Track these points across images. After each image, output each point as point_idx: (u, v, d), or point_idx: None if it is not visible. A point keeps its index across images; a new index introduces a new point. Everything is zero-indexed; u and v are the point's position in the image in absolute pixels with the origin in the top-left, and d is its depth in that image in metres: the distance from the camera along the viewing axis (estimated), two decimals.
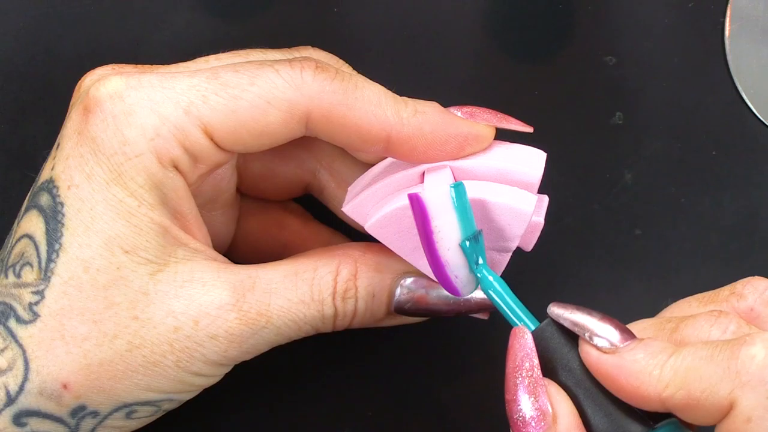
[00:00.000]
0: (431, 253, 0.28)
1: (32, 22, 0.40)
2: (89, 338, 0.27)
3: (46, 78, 0.39)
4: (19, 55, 0.39)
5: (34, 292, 0.28)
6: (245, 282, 0.29)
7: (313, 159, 0.34)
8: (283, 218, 0.35)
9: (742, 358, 0.23)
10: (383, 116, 0.28)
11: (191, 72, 0.28)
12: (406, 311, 0.31)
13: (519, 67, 0.39)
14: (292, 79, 0.28)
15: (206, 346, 0.28)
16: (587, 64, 0.39)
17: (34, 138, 0.38)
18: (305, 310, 0.29)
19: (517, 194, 0.29)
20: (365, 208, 0.30)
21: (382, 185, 0.30)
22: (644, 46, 0.39)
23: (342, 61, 0.32)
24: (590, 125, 0.39)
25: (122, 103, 0.28)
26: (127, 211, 0.28)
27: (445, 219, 0.28)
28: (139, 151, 0.27)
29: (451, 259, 0.28)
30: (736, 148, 0.38)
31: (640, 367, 0.25)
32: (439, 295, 0.31)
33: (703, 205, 0.38)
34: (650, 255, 0.37)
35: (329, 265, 0.30)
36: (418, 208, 0.28)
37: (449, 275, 0.28)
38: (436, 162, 0.29)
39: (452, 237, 0.28)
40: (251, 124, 0.28)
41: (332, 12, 0.39)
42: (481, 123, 0.30)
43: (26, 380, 0.27)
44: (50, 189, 0.28)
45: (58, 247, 0.27)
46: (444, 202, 0.28)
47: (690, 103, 0.39)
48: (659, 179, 0.38)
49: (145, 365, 0.28)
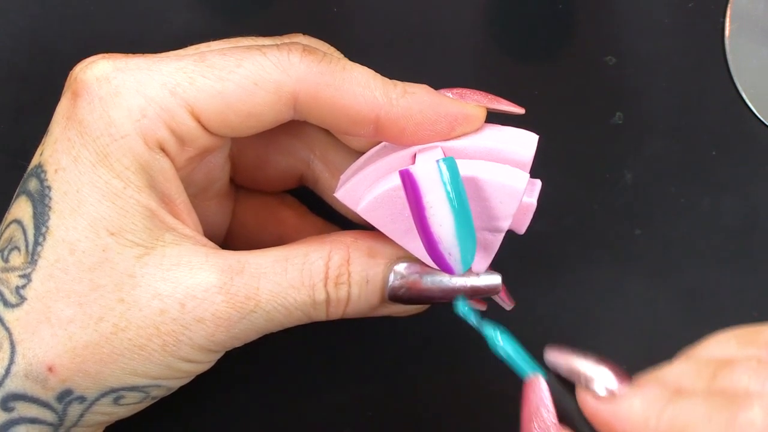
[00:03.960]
0: (424, 230, 0.28)
1: (32, 22, 0.40)
2: (74, 321, 0.27)
3: (46, 78, 0.39)
4: (19, 55, 0.39)
5: (21, 276, 0.27)
6: (234, 266, 0.28)
7: (306, 148, 0.34)
8: (280, 211, 0.35)
9: (741, 423, 0.23)
10: (371, 97, 0.28)
11: (179, 56, 0.28)
12: (400, 297, 0.30)
13: (519, 67, 0.39)
14: (279, 61, 0.28)
15: (193, 330, 0.28)
16: (587, 64, 0.39)
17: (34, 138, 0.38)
18: (295, 294, 0.29)
19: (508, 171, 0.29)
20: (357, 193, 0.30)
21: (374, 168, 0.30)
22: (644, 46, 0.39)
23: (333, 48, 0.32)
24: (590, 125, 0.39)
25: (108, 84, 0.28)
26: (112, 193, 0.27)
27: (436, 194, 0.28)
28: (125, 132, 0.27)
29: (444, 235, 0.28)
30: (736, 148, 0.38)
31: (637, 416, 0.24)
32: (433, 280, 0.30)
33: (703, 205, 0.38)
34: (650, 255, 0.37)
35: (320, 251, 0.30)
36: (409, 183, 0.28)
37: (443, 252, 0.28)
38: (427, 143, 0.29)
39: (444, 212, 0.28)
40: (238, 106, 0.28)
41: (332, 12, 0.39)
42: (471, 103, 0.30)
43: (12, 363, 0.27)
44: (38, 174, 0.28)
45: (45, 230, 0.27)
46: (435, 177, 0.27)
47: (690, 103, 0.39)
48: (659, 179, 0.38)
49: (131, 348, 0.28)
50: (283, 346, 0.30)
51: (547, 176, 0.31)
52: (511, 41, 0.40)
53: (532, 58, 0.40)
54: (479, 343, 0.37)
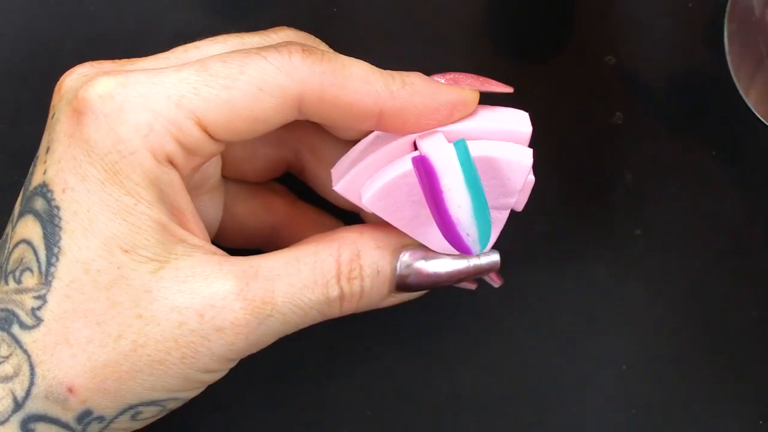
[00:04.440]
0: (441, 213, 0.29)
1: (32, 22, 0.40)
2: (93, 340, 0.27)
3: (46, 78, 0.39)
4: (19, 55, 0.39)
5: (36, 297, 0.27)
6: (247, 271, 0.28)
7: (295, 139, 0.34)
8: (271, 201, 0.35)
9: None
10: (374, 92, 0.29)
11: (177, 66, 0.28)
12: (408, 285, 0.31)
13: (519, 67, 0.39)
14: (282, 65, 0.28)
15: (212, 340, 0.28)
16: (587, 64, 0.39)
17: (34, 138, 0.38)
18: (309, 294, 0.29)
19: (514, 148, 0.30)
20: (357, 184, 0.30)
21: (373, 159, 0.30)
22: (644, 46, 0.39)
23: (318, 40, 0.33)
24: (590, 125, 0.39)
25: (113, 101, 0.27)
26: (124, 210, 0.27)
27: (453, 176, 0.28)
28: (134, 148, 0.27)
29: (462, 216, 0.29)
30: (736, 148, 0.38)
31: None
32: (438, 263, 0.31)
33: (703, 205, 0.38)
34: (650, 255, 0.37)
35: (329, 249, 0.30)
36: (424, 169, 0.28)
37: (461, 233, 0.29)
38: (427, 130, 0.30)
39: (462, 194, 0.28)
40: (245, 113, 0.28)
41: (332, 12, 0.39)
42: (466, 88, 0.30)
43: (32, 385, 0.27)
44: (44, 193, 0.28)
45: (57, 250, 0.27)
46: (451, 160, 0.28)
47: (690, 103, 0.39)
48: (659, 179, 0.38)
49: (150, 364, 0.28)
50: (281, 345, 0.30)
51: (546, 176, 0.31)
52: (511, 41, 0.40)
53: (532, 58, 0.40)
54: (479, 343, 0.37)
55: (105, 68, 0.30)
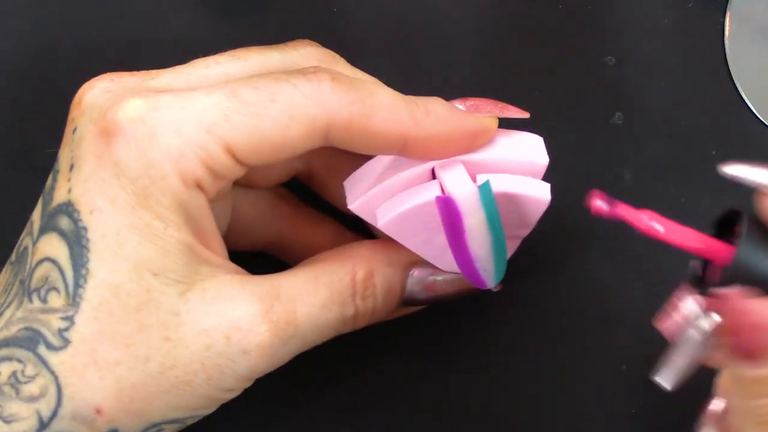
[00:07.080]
0: (461, 250, 0.29)
1: (32, 22, 0.40)
2: (122, 362, 0.27)
3: (46, 78, 0.39)
4: (19, 55, 0.39)
5: (63, 318, 0.27)
6: (270, 292, 0.29)
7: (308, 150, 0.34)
8: (277, 206, 0.35)
9: None
10: (400, 121, 0.29)
11: (207, 89, 0.28)
12: (416, 300, 0.32)
13: (518, 67, 0.39)
14: (311, 93, 0.28)
15: (237, 361, 0.28)
16: (587, 64, 0.39)
17: (34, 138, 0.38)
18: (328, 314, 0.30)
19: (534, 185, 0.30)
20: (373, 205, 0.30)
21: (392, 183, 0.30)
22: (644, 46, 0.39)
23: (338, 56, 0.32)
24: (590, 125, 0.39)
25: (144, 125, 0.27)
26: (153, 234, 0.27)
27: (476, 217, 0.29)
28: (165, 173, 0.27)
29: (481, 254, 0.30)
30: (736, 148, 0.38)
31: None
32: (446, 279, 0.32)
33: (703, 205, 0.38)
34: (650, 255, 0.37)
35: (345, 267, 0.30)
36: (447, 209, 0.29)
37: (478, 269, 0.30)
38: (447, 158, 0.30)
39: (483, 234, 0.29)
40: (273, 140, 0.28)
41: (332, 12, 0.40)
42: (486, 116, 0.30)
43: (59, 406, 0.27)
44: (70, 213, 0.28)
45: (85, 272, 0.27)
46: (474, 202, 0.29)
47: (690, 103, 0.39)
48: (659, 179, 0.38)
49: (177, 385, 0.28)
50: None
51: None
52: (510, 41, 0.40)
53: (531, 58, 0.40)
54: (479, 344, 0.37)
55: (128, 83, 0.29)
